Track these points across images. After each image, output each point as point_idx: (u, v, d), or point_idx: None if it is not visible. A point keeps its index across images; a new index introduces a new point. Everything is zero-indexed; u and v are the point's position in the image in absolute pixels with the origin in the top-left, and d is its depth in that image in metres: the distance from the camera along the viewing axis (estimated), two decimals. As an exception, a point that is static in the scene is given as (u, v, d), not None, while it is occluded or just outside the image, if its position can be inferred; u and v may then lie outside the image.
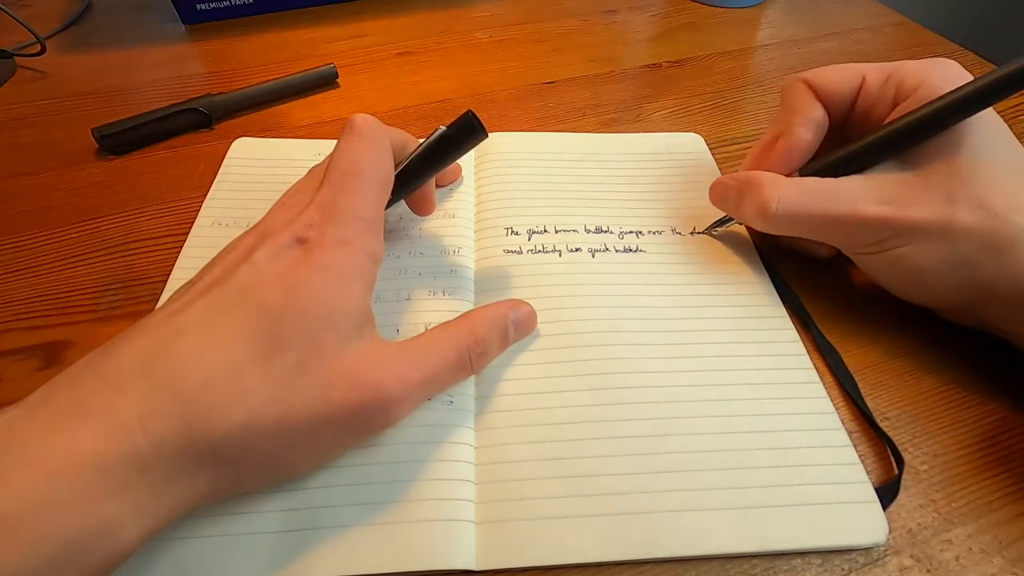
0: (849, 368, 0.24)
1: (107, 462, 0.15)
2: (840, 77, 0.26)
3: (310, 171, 0.23)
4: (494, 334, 0.23)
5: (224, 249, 0.21)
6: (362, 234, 0.20)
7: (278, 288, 0.18)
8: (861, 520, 0.20)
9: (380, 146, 0.22)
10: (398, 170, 0.24)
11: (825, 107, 0.26)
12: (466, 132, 0.23)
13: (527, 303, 0.24)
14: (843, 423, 0.22)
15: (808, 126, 0.26)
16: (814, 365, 0.24)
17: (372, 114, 0.23)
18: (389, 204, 0.23)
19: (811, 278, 0.28)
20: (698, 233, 0.30)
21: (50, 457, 0.15)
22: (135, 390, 0.16)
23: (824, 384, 0.24)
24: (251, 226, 0.21)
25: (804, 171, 0.25)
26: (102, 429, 0.15)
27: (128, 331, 0.18)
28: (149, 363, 0.17)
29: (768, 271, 0.28)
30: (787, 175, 0.26)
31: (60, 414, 0.16)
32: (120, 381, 0.16)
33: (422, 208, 0.28)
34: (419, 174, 0.25)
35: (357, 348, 0.19)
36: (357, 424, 0.19)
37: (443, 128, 0.23)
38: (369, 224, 0.21)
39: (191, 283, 0.20)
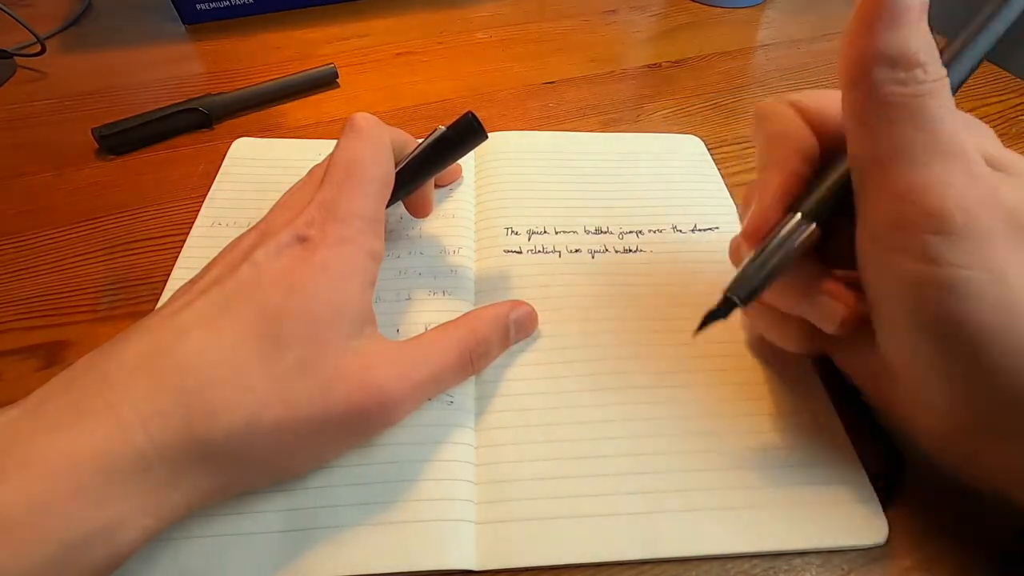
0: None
1: (109, 462, 0.15)
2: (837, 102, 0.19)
3: (311, 171, 0.23)
4: (496, 334, 0.23)
5: (225, 248, 0.21)
6: (363, 232, 0.20)
7: (279, 287, 0.18)
8: (861, 520, 0.20)
9: (381, 145, 0.22)
10: (397, 169, 0.24)
11: (818, 137, 0.20)
12: (466, 133, 0.23)
13: (528, 304, 0.24)
14: (843, 423, 0.22)
15: (804, 159, 0.19)
16: (814, 365, 0.24)
17: (372, 114, 0.23)
18: (388, 204, 0.23)
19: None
20: (700, 231, 0.29)
21: (52, 457, 0.15)
22: (136, 391, 0.16)
23: (824, 383, 0.24)
24: (252, 226, 0.21)
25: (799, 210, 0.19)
26: (104, 429, 0.15)
27: (129, 331, 0.18)
28: (150, 363, 0.17)
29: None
30: (781, 217, 0.19)
31: (62, 414, 0.16)
32: (121, 381, 0.16)
33: (419, 210, 0.28)
34: (418, 174, 0.25)
35: (359, 348, 0.19)
36: (358, 424, 0.19)
37: (442, 128, 0.23)
38: (370, 223, 0.20)
39: (192, 283, 0.20)
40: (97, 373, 0.17)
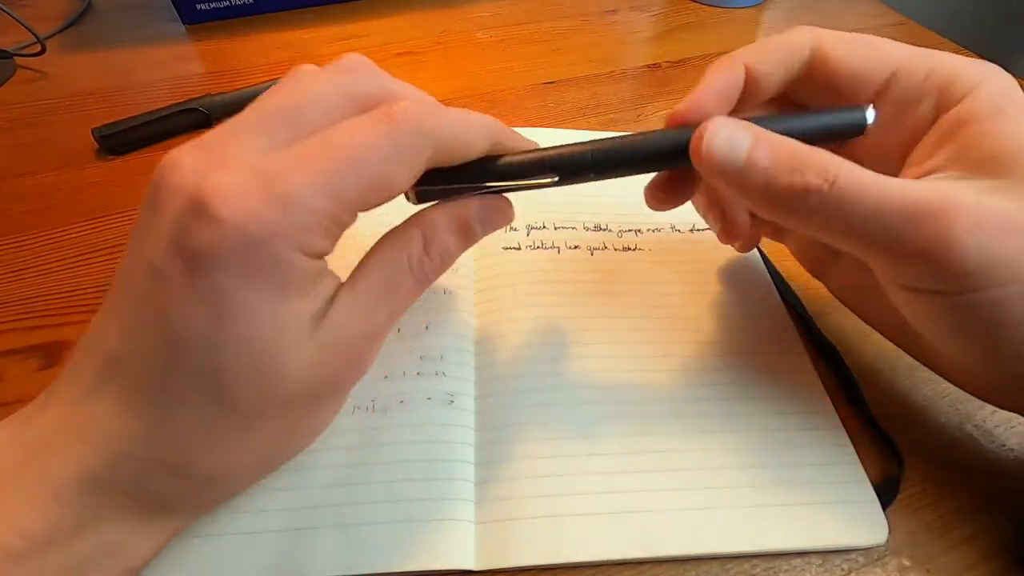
0: (849, 368, 0.24)
1: (100, 492, 0.15)
2: (863, 57, 0.21)
3: (292, 87, 0.17)
4: (452, 237, 0.19)
5: (141, 210, 0.16)
6: (302, 229, 0.15)
7: (191, 336, 0.15)
8: (861, 520, 0.20)
9: (414, 149, 0.16)
10: (502, 160, 0.20)
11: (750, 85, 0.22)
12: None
13: (499, 198, 0.20)
14: (843, 423, 0.22)
15: (724, 97, 0.23)
16: (814, 364, 0.24)
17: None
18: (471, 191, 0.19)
19: (811, 277, 0.27)
20: (699, 231, 0.29)
21: (44, 492, 0.15)
22: (104, 435, 0.16)
23: (824, 383, 0.24)
24: (173, 153, 0.15)
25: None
26: (82, 470, 0.15)
27: (82, 345, 0.18)
28: (102, 394, 0.16)
29: (768, 270, 0.28)
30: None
31: (43, 457, 0.15)
32: (86, 422, 0.16)
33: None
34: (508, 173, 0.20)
35: (308, 373, 0.16)
36: (332, 401, 0.19)
37: (556, 179, 0.20)
38: (327, 221, 0.15)
39: (116, 273, 0.17)
40: (70, 405, 0.16)
